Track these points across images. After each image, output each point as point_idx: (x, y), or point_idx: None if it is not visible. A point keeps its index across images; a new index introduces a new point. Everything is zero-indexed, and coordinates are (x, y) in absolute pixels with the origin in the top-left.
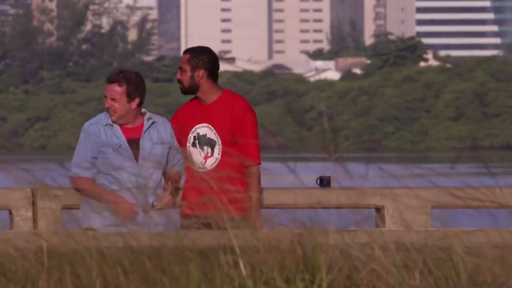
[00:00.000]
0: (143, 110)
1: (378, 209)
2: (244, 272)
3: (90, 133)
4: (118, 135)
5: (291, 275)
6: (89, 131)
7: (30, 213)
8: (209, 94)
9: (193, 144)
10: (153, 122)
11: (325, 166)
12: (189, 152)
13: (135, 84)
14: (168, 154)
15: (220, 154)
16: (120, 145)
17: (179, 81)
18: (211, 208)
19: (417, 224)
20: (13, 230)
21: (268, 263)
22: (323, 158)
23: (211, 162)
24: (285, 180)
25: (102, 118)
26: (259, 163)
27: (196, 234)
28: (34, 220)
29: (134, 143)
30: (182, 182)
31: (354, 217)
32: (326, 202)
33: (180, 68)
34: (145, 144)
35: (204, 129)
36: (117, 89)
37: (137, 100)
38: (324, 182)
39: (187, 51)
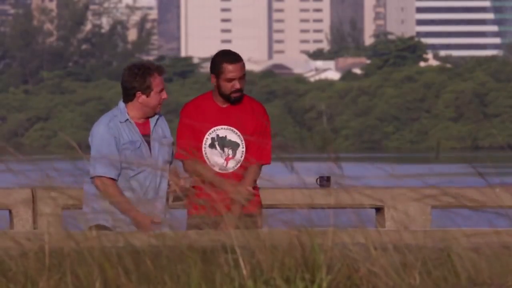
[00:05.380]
0: None
1: (378, 209)
2: (244, 272)
3: (112, 130)
4: (136, 132)
5: (291, 275)
6: (112, 126)
7: (30, 213)
8: None
9: (211, 145)
10: (158, 117)
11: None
12: (205, 153)
13: None
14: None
15: (243, 157)
16: (140, 143)
17: (241, 90)
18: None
19: (417, 224)
20: (13, 230)
21: (268, 263)
22: (323, 158)
23: (233, 164)
24: (284, 180)
25: (118, 115)
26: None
27: (196, 234)
28: (34, 220)
29: (145, 139)
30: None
31: (353, 217)
32: (326, 202)
33: (241, 77)
34: (155, 139)
35: (224, 131)
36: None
37: None
38: (324, 182)
39: (239, 59)
